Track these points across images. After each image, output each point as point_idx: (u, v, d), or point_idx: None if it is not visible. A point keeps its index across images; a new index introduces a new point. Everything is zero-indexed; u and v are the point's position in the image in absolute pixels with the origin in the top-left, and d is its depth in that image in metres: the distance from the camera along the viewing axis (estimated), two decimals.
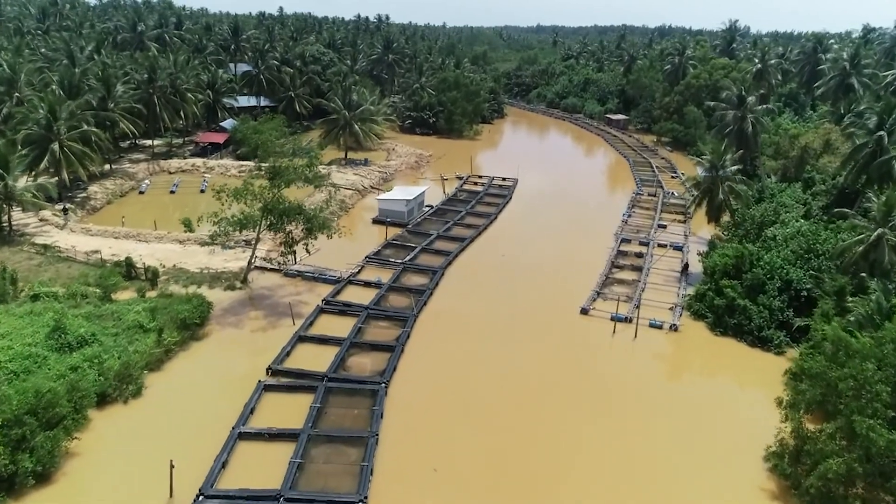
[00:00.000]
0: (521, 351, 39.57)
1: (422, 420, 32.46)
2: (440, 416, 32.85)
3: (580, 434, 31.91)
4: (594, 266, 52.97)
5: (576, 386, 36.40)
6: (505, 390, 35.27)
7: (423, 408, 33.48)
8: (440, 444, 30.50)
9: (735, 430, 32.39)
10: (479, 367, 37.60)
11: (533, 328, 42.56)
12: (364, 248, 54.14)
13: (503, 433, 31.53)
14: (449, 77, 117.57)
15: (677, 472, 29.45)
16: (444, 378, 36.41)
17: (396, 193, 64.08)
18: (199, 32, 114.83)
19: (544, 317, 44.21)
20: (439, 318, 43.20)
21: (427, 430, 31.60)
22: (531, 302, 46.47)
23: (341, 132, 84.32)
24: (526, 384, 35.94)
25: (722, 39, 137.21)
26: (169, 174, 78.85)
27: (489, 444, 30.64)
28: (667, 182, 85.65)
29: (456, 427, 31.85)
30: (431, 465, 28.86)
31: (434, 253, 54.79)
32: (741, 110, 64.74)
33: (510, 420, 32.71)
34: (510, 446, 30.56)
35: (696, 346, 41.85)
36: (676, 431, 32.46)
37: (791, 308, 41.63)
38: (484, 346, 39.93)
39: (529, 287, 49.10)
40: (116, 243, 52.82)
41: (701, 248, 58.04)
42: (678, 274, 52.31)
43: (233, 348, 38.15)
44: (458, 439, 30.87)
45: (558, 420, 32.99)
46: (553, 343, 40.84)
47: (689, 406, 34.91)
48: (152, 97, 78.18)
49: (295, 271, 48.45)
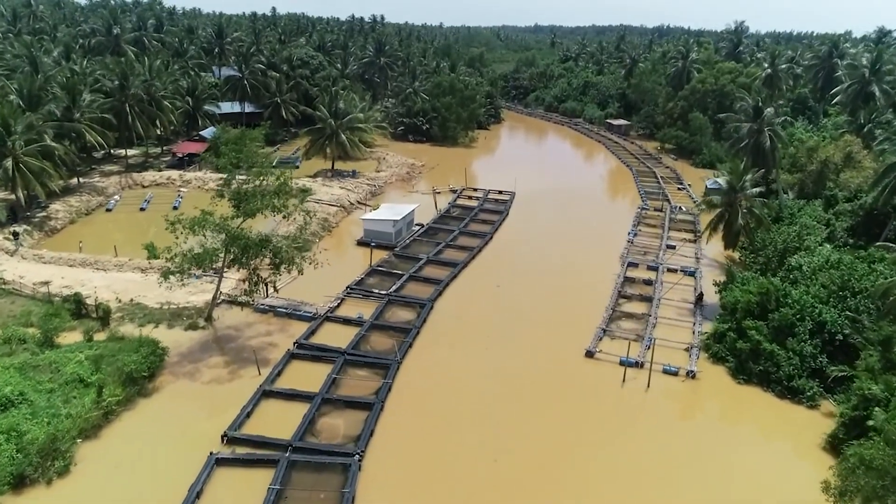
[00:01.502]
0: (518, 409, 34.55)
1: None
2: (422, 496, 27.85)
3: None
4: (599, 296, 48.02)
5: (580, 454, 31.39)
6: (500, 460, 30.24)
7: (404, 487, 28.45)
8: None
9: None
10: (469, 429, 32.57)
11: (532, 377, 37.48)
12: (346, 275, 49.13)
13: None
14: (444, 81, 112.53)
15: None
16: (428, 444, 31.36)
17: (383, 212, 59.04)
18: (180, 35, 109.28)
19: (545, 362, 39.14)
20: (425, 364, 38.19)
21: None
22: (529, 343, 41.43)
23: (327, 142, 79.21)
24: (525, 453, 30.90)
25: (727, 42, 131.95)
26: (143, 188, 73.77)
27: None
28: (673, 194, 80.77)
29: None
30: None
31: (423, 281, 49.79)
32: (757, 123, 59.68)
33: (506, 498, 27.76)
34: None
35: (717, 397, 36.89)
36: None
37: (824, 353, 36.74)
38: (475, 402, 34.93)
39: (527, 323, 44.09)
40: (71, 272, 47.74)
41: (715, 273, 53.29)
42: (692, 305, 47.38)
43: (186, 406, 33.10)
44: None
45: (560, 495, 28.02)
46: (555, 397, 35.81)
47: (712, 474, 29.97)
48: (124, 106, 73.04)
49: (266, 306, 43.39)
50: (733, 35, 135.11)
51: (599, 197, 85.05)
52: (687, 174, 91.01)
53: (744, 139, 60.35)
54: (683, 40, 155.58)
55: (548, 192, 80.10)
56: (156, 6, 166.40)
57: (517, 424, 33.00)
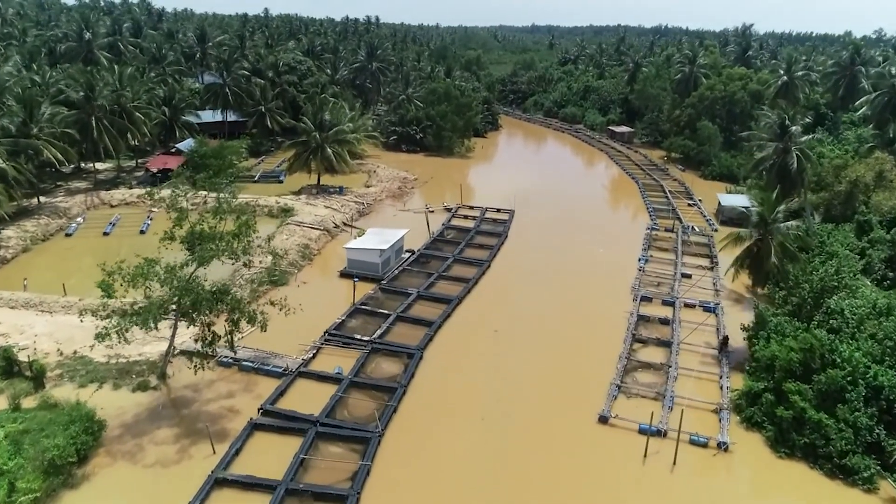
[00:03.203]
0: (522, 497, 28.95)
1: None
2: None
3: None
4: (611, 340, 42.48)
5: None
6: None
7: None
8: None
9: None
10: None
11: (536, 454, 31.75)
12: (325, 316, 43.49)
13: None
14: (438, 88, 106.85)
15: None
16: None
17: (369, 240, 53.35)
18: (158, 40, 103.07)
19: (551, 433, 33.41)
20: (411, 437, 32.49)
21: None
22: (533, 406, 35.68)
23: (312, 156, 73.48)
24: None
25: (735, 45, 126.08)
26: (110, 208, 67.94)
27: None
28: (683, 211, 75.23)
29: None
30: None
31: (412, 323, 44.15)
32: (783, 141, 53.97)
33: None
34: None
35: (756, 476, 31.31)
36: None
37: (882, 423, 31.26)
38: (469, 488, 29.31)
39: (530, 379, 38.36)
40: (11, 316, 41.98)
41: (737, 310, 47.99)
42: (716, 351, 41.85)
43: (120, 501, 27.45)
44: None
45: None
46: (565, 480, 30.16)
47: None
48: (90, 118, 67.29)
49: (230, 359, 37.67)
50: (741, 38, 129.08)
51: (604, 214, 79.30)
52: (697, 187, 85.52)
53: (769, 160, 54.52)
54: (689, 44, 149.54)
55: (549, 209, 74.59)
56: (134, 9, 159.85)
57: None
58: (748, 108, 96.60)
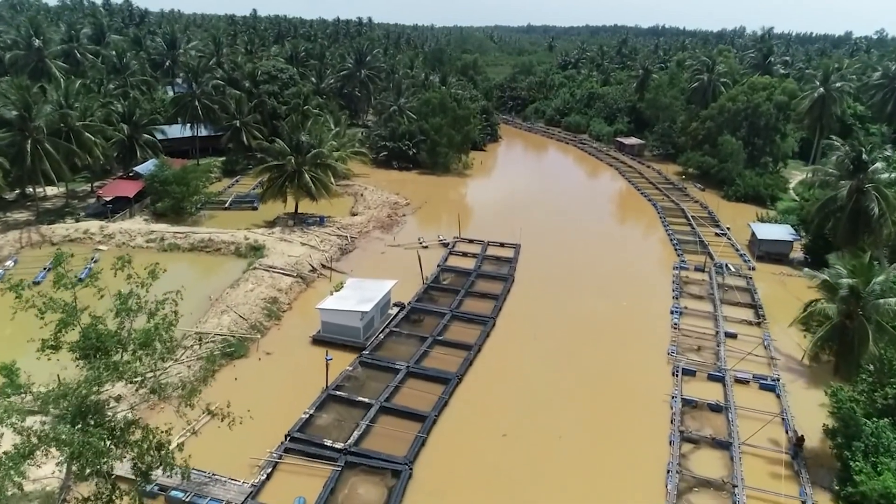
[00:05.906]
0: None
1: None
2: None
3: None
4: (651, 439, 33.32)
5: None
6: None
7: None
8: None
9: None
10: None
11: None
12: (289, 408, 34.19)
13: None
14: (433, 99, 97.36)
15: None
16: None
17: (349, 296, 43.89)
18: (121, 47, 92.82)
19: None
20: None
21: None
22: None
23: (288, 182, 63.99)
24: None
25: (756, 52, 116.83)
26: (52, 245, 58.29)
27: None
28: (711, 242, 66.05)
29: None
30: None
31: (399, 416, 34.78)
32: (857, 179, 44.36)
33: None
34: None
35: None
36: None
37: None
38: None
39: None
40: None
41: (800, 385, 38.99)
42: (786, 454, 32.65)
43: None
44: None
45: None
46: None
47: None
48: (25, 141, 57.70)
49: (156, 488, 28.25)
50: (762, 44, 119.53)
51: (623, 247, 68.10)
52: (721, 211, 76.47)
53: (839, 201, 44.75)
54: (704, 49, 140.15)
55: (559, 242, 65.39)
56: (98, 11, 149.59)
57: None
58: (773, 121, 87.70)
